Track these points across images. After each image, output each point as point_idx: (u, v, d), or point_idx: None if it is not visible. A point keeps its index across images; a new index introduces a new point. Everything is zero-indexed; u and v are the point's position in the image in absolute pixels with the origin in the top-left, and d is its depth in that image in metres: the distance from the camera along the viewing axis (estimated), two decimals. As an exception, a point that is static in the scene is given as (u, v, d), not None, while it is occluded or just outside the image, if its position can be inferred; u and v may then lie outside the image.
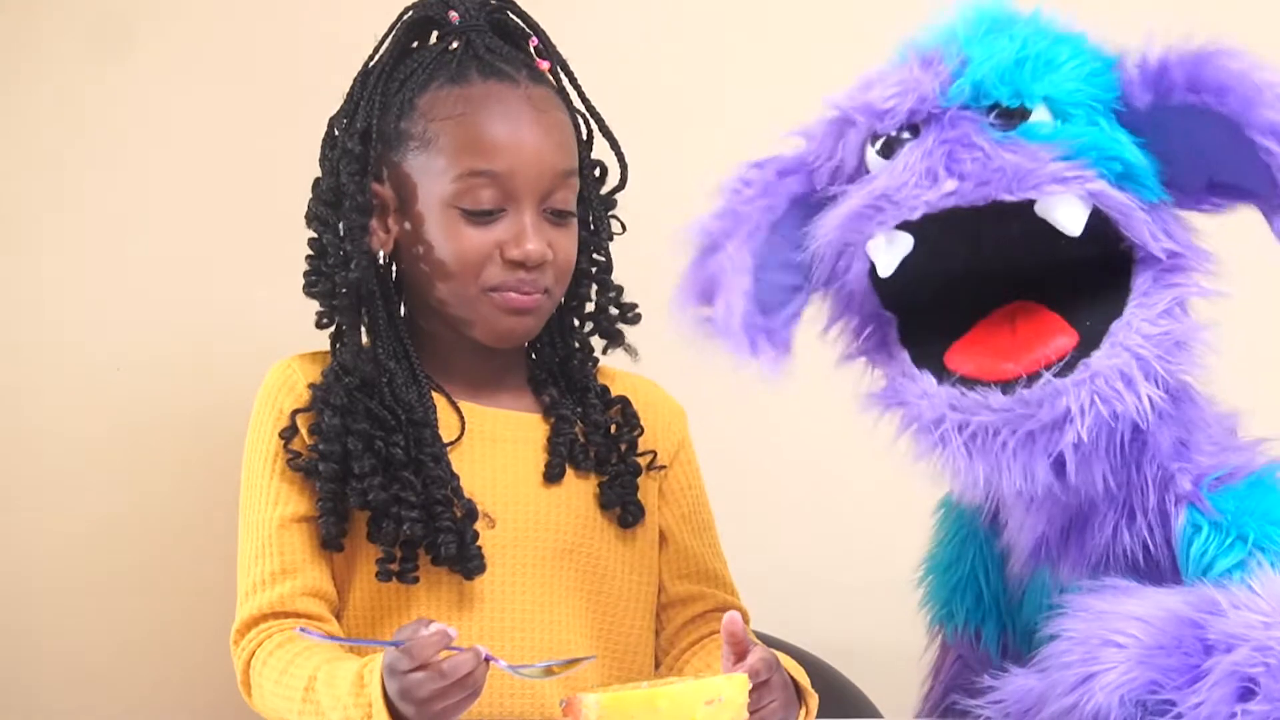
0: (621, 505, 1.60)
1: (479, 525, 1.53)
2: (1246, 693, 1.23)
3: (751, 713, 1.37)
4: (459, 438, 1.58)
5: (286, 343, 1.64)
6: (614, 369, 1.70)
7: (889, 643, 1.97)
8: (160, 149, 2.07)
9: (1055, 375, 1.30)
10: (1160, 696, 1.26)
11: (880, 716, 1.83)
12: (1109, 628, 1.28)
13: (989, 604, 1.55)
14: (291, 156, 1.68)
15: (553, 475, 1.58)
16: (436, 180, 1.55)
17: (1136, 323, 1.31)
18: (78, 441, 2.05)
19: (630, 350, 1.67)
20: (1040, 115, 1.34)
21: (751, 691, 1.36)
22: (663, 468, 1.65)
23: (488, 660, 1.33)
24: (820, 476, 2.04)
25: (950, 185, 1.29)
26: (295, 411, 1.56)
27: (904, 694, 1.82)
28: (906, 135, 1.35)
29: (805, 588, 2.01)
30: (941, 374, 1.35)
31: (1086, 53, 1.36)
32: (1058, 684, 1.29)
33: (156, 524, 2.04)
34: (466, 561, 1.52)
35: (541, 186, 1.55)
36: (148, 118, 2.07)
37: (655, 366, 1.69)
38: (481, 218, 1.54)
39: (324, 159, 1.60)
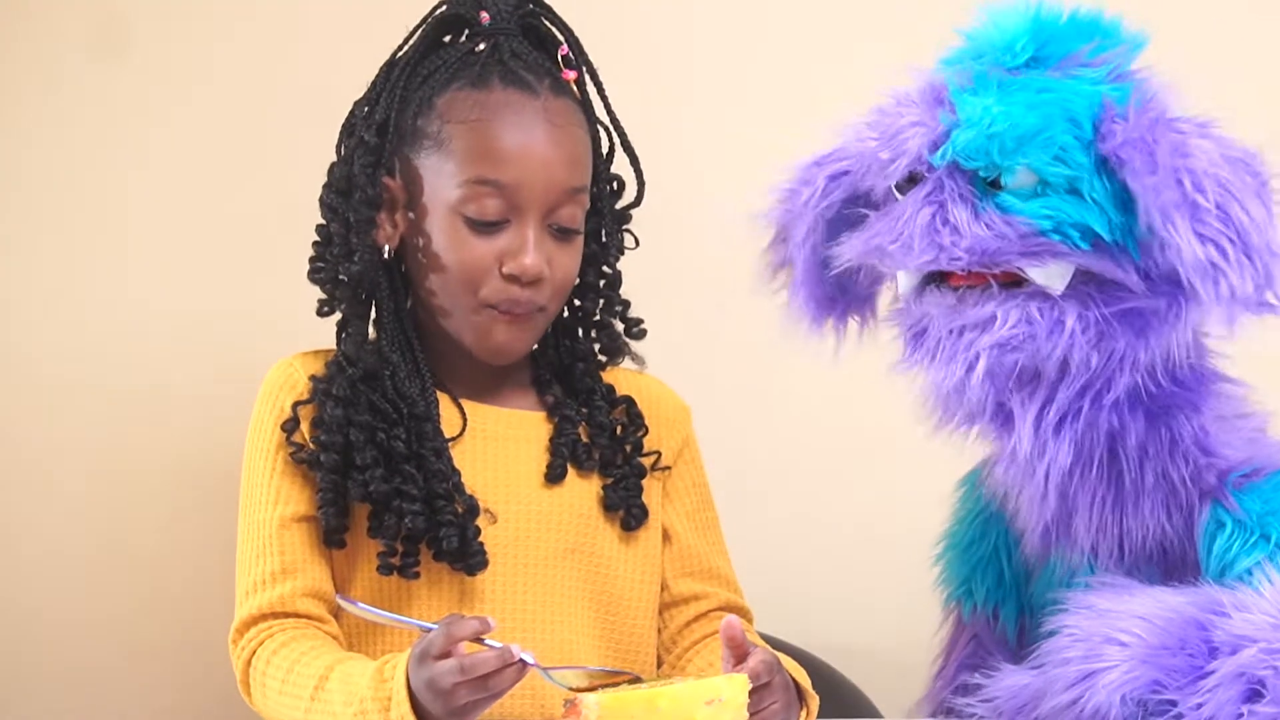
0: (625, 508, 1.60)
1: (480, 521, 1.53)
2: (1253, 694, 1.23)
3: (753, 714, 1.37)
4: (460, 434, 1.57)
5: (288, 341, 1.63)
6: (619, 367, 1.69)
7: (889, 643, 1.98)
8: (160, 148, 2.07)
9: (998, 288, 1.37)
10: (1162, 697, 1.26)
11: (880, 716, 1.83)
12: (1112, 626, 1.29)
13: (1009, 584, 1.56)
14: (293, 155, 1.68)
15: (554, 476, 1.58)
16: (445, 183, 1.54)
17: (1093, 291, 1.36)
18: (77, 442, 2.05)
19: (637, 359, 1.67)
20: (1023, 179, 1.36)
21: (752, 693, 1.36)
22: (667, 469, 1.64)
23: (524, 663, 1.32)
24: (822, 476, 2.04)
25: (928, 257, 1.37)
26: (297, 404, 1.56)
27: (904, 694, 1.82)
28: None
29: (805, 587, 2.01)
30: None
31: (1068, 116, 1.36)
32: (1057, 680, 1.30)
33: (156, 523, 2.04)
34: (469, 557, 1.52)
35: (547, 201, 1.54)
36: (147, 118, 2.07)
37: (658, 366, 1.70)
38: (485, 227, 1.53)
39: (341, 145, 1.60)
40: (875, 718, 1.83)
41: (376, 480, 1.51)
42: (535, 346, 1.64)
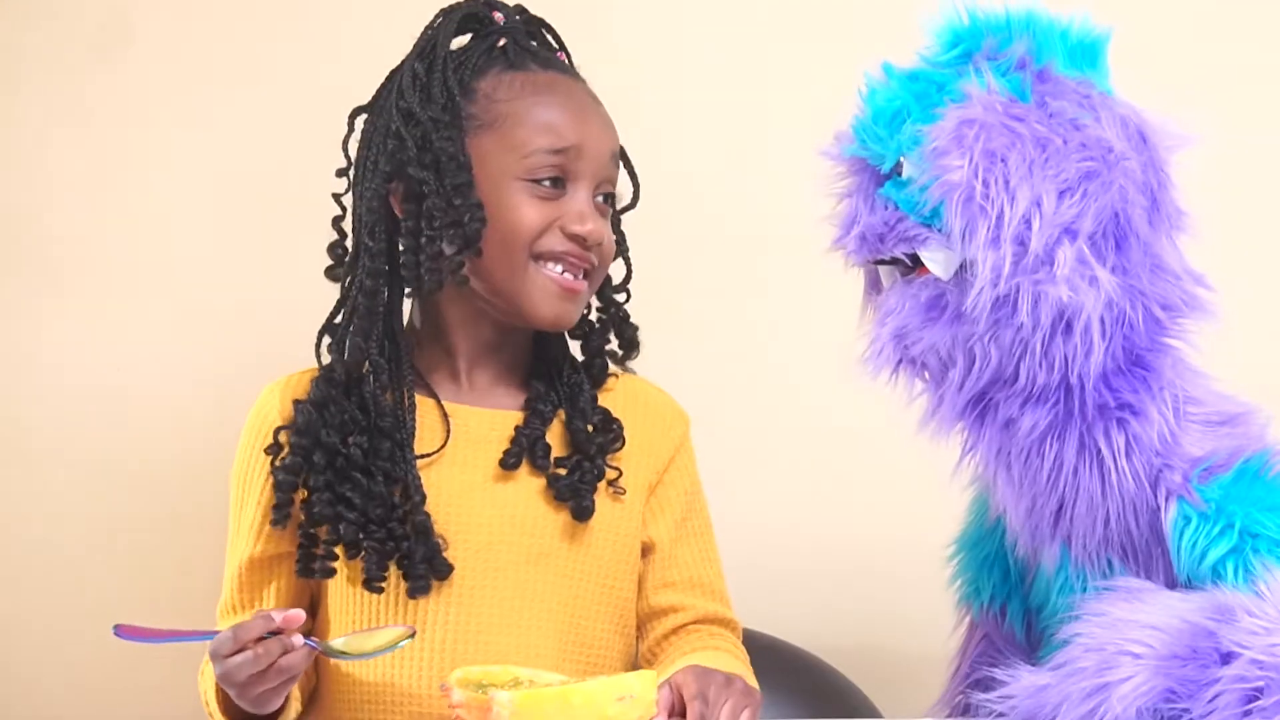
0: (574, 499, 1.57)
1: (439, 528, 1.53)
2: (1251, 703, 1.23)
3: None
4: (441, 447, 1.57)
5: (289, 341, 1.63)
6: (622, 373, 1.67)
7: (889, 643, 1.97)
8: (161, 149, 2.07)
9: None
10: (1177, 705, 1.26)
11: (880, 716, 1.82)
12: (1125, 636, 1.28)
13: (1015, 581, 1.55)
14: (294, 155, 1.68)
15: (508, 464, 1.57)
16: (503, 156, 1.56)
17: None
18: (76, 440, 2.05)
19: (630, 356, 1.66)
20: (908, 169, 1.39)
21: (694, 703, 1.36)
22: (622, 491, 1.61)
23: (309, 646, 1.38)
24: (821, 477, 2.04)
25: (840, 247, 1.44)
26: (278, 430, 1.57)
27: (904, 694, 1.82)
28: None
29: (805, 589, 2.01)
30: None
31: (929, 103, 1.39)
32: (1073, 693, 1.29)
33: (154, 522, 2.04)
34: (415, 580, 1.52)
35: (600, 171, 1.58)
36: (148, 118, 2.07)
37: (658, 370, 1.69)
38: (545, 193, 1.55)
39: (378, 146, 1.58)
40: (875, 718, 1.82)
41: (321, 488, 1.53)
42: (531, 352, 1.63)
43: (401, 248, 1.57)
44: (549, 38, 1.66)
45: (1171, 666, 1.26)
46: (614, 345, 1.67)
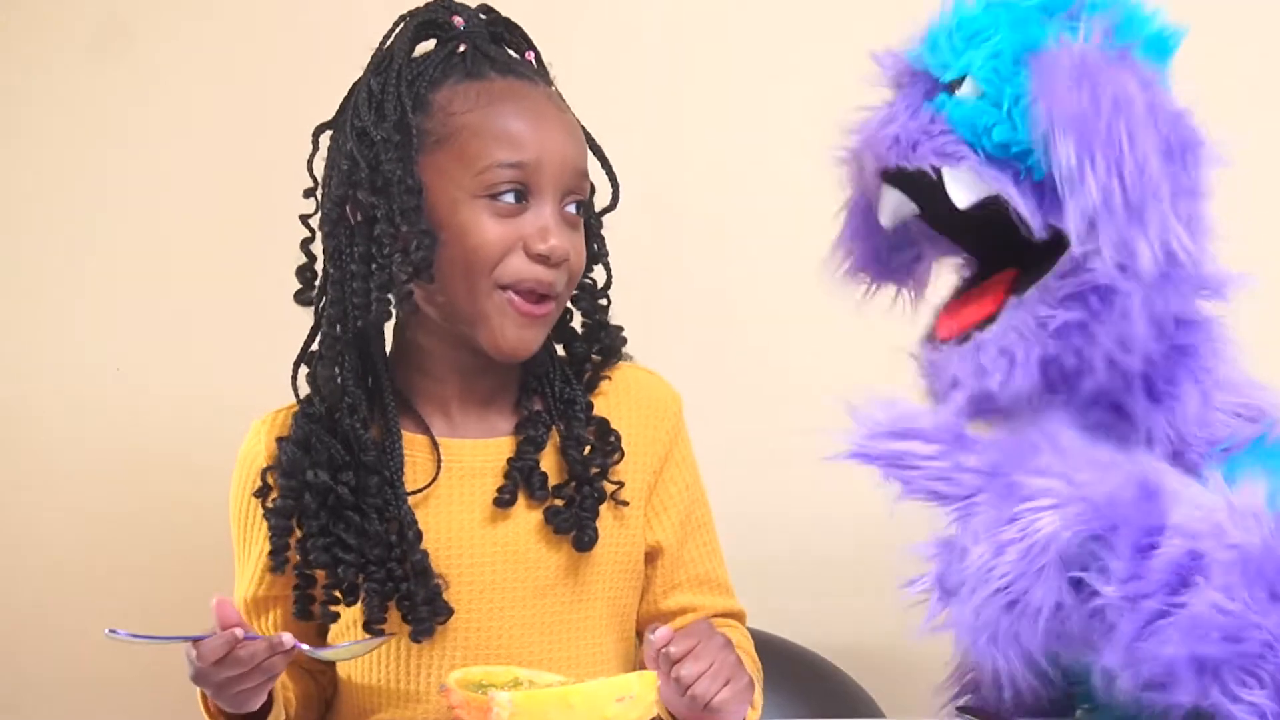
0: (578, 528, 1.54)
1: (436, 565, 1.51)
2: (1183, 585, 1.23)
3: (686, 685, 1.37)
4: (433, 481, 1.53)
5: (288, 343, 1.62)
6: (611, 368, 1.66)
7: (891, 643, 1.97)
8: (161, 150, 2.08)
9: (956, 343, 1.38)
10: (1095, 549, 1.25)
11: (882, 716, 1.82)
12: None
13: None
14: (293, 156, 1.67)
15: (503, 501, 1.53)
16: (459, 173, 1.49)
17: (1032, 304, 1.34)
18: (77, 441, 2.06)
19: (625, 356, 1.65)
20: (968, 88, 1.37)
21: (679, 663, 1.36)
22: (625, 503, 1.58)
23: (294, 647, 1.36)
24: (821, 474, 2.03)
25: (872, 148, 1.39)
26: (266, 470, 1.54)
27: (905, 694, 1.82)
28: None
29: (806, 587, 2.01)
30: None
31: (1019, 24, 1.37)
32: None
33: (154, 524, 2.04)
34: (417, 622, 1.50)
35: (564, 182, 1.51)
36: (148, 119, 2.08)
37: (656, 361, 1.69)
38: (506, 210, 1.49)
39: (335, 165, 1.54)
40: (876, 718, 1.82)
41: (315, 533, 1.50)
42: (519, 368, 1.59)
43: (352, 272, 1.50)
44: (516, 37, 1.59)
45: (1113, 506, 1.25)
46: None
